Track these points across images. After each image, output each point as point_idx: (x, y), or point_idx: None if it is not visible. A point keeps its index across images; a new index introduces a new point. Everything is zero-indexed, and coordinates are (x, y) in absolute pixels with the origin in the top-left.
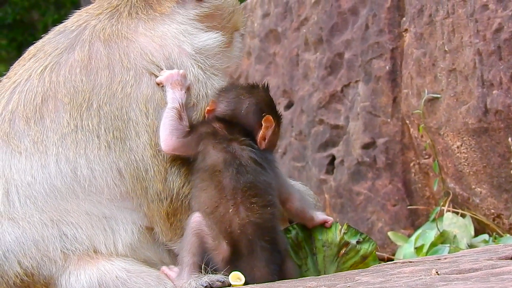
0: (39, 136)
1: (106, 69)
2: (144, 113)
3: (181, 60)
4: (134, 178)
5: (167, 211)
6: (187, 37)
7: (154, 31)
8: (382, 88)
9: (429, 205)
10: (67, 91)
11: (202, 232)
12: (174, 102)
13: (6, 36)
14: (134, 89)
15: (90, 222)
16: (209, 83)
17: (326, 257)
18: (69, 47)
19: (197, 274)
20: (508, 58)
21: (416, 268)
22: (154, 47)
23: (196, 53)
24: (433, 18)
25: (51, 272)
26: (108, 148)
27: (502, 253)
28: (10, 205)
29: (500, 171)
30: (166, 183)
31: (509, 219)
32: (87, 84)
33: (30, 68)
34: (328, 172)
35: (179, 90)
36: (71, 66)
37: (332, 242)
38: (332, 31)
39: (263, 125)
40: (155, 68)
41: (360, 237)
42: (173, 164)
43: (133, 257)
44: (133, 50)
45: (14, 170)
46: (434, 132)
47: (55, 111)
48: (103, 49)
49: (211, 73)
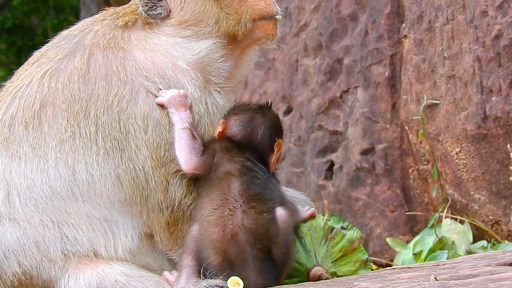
0: (37, 142)
1: (103, 80)
2: (142, 128)
3: (177, 78)
4: (134, 186)
5: (168, 220)
6: (179, 51)
7: (145, 43)
8: (381, 94)
9: (427, 211)
10: (65, 98)
11: (199, 238)
12: (183, 123)
13: (6, 40)
14: (130, 105)
15: (91, 224)
16: (209, 101)
17: (314, 239)
18: (70, 53)
19: (196, 278)
20: (508, 64)
21: (415, 274)
22: (148, 65)
23: (191, 68)
24: (433, 24)
25: (50, 275)
26: (106, 154)
27: (500, 259)
28: (11, 206)
29: (499, 177)
30: (167, 194)
31: (508, 225)
32: (85, 93)
33: (31, 74)
34: (327, 178)
35: (183, 111)
36: (70, 73)
37: (316, 227)
38: (331, 37)
39: (275, 149)
40: (152, 86)
41: (343, 223)
42: (175, 175)
43: (132, 263)
44: (129, 63)
45: (14, 174)
46: (433, 138)
47: (53, 117)
48: (101, 59)
49: (210, 89)
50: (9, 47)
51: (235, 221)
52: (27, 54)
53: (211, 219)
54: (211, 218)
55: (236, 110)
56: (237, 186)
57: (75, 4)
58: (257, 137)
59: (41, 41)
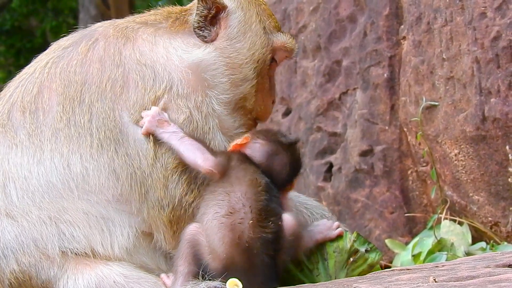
0: (33, 129)
1: (98, 62)
2: (138, 120)
3: (168, 72)
4: (131, 182)
5: (170, 218)
6: (178, 50)
7: (153, 37)
8: (380, 96)
9: (426, 213)
10: (61, 82)
11: (198, 241)
12: (177, 134)
13: (4, 42)
14: (124, 91)
15: (87, 221)
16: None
17: (337, 262)
18: (79, 40)
19: (194, 280)
20: (506, 66)
21: (414, 276)
22: (145, 51)
23: (186, 67)
24: (431, 26)
25: (49, 276)
26: (100, 147)
27: (499, 260)
28: (8, 199)
29: (498, 179)
30: (167, 191)
31: (507, 226)
32: (80, 75)
33: (38, 61)
34: (325, 179)
35: (168, 125)
36: (71, 58)
37: (343, 249)
38: (330, 39)
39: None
40: (140, 72)
41: (368, 246)
42: (174, 172)
43: (129, 262)
44: (127, 48)
45: (11, 164)
46: (432, 139)
47: (48, 102)
48: (102, 43)
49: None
50: (8, 49)
51: (254, 231)
52: (25, 56)
53: (227, 222)
54: (227, 220)
55: (265, 135)
56: (258, 197)
57: (74, 6)
58: (277, 172)
59: (39, 43)
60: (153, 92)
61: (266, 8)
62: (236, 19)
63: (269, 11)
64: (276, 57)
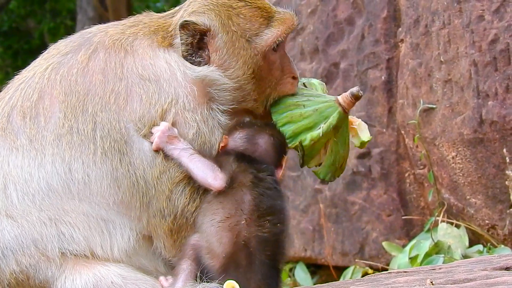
0: (34, 134)
1: (100, 74)
2: (145, 134)
3: (172, 86)
4: (133, 191)
5: (171, 227)
6: (180, 65)
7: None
8: (377, 98)
9: (423, 216)
10: (62, 89)
11: (199, 245)
12: (187, 150)
13: (2, 43)
14: (128, 103)
15: (87, 223)
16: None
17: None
18: (77, 47)
19: (192, 282)
20: (504, 69)
21: (411, 278)
22: (146, 65)
23: (189, 82)
24: (429, 29)
25: (46, 276)
26: (104, 155)
27: (496, 263)
28: (8, 201)
29: (495, 181)
30: (170, 202)
31: (504, 229)
32: (82, 85)
33: (37, 66)
34: (323, 181)
35: (178, 141)
36: (70, 66)
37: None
38: (328, 41)
39: (283, 165)
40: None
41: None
42: (179, 184)
43: (128, 264)
44: (128, 61)
45: (11, 166)
46: (429, 142)
47: (50, 109)
48: (102, 55)
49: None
50: (5, 50)
51: (249, 230)
52: (23, 57)
53: (224, 225)
54: (224, 224)
55: (240, 124)
56: (251, 198)
57: (72, 7)
58: (265, 153)
59: (37, 44)
60: (159, 105)
61: (244, 8)
62: (221, 40)
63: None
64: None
